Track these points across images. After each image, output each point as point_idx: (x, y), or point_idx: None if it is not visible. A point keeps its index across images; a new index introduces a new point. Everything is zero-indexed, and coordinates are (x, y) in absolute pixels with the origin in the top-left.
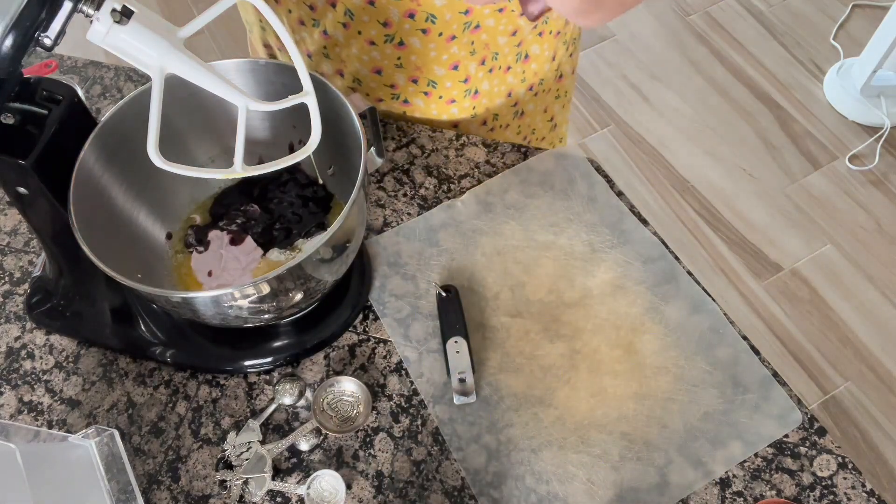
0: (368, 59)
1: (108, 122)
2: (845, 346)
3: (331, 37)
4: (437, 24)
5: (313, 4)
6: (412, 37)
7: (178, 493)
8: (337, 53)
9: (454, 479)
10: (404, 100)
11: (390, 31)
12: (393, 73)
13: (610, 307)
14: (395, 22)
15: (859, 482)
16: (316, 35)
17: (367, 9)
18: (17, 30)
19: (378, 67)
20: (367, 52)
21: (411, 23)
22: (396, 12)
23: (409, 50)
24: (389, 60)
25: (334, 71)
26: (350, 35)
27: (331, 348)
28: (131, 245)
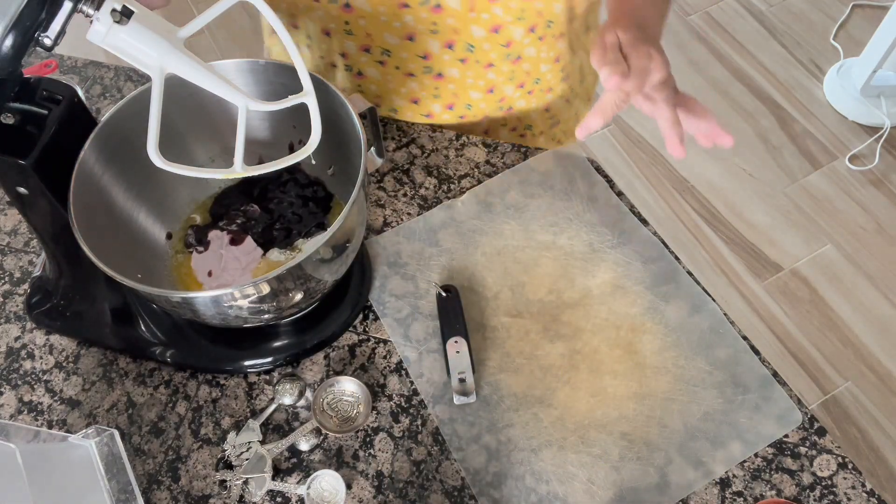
0: (406, 91)
1: (108, 122)
2: (845, 346)
3: (365, 76)
4: (474, 53)
5: (345, 52)
6: (450, 67)
7: (178, 493)
8: (372, 90)
9: (454, 479)
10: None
11: (429, 62)
12: (430, 102)
13: (610, 307)
14: (434, 54)
15: (859, 482)
16: (349, 77)
17: (405, 45)
18: (17, 30)
19: (416, 98)
20: (406, 83)
21: (451, 53)
22: (437, 44)
23: (447, 80)
24: (427, 91)
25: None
26: (387, 71)
27: (331, 348)
28: (131, 245)
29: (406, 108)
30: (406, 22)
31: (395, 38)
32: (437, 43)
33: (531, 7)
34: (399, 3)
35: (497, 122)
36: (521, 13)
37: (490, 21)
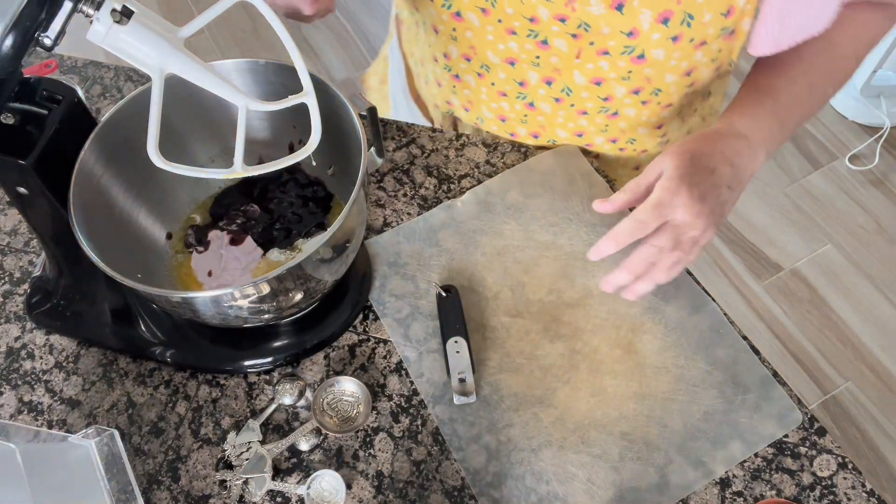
0: (496, 108)
1: (108, 122)
2: (845, 346)
3: (462, 80)
4: (571, 97)
5: (447, 53)
6: (543, 102)
7: (178, 493)
8: (466, 95)
9: (454, 479)
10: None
11: (525, 90)
12: (517, 125)
13: (610, 307)
14: (531, 84)
15: (859, 482)
16: (448, 76)
17: (505, 67)
18: (17, 30)
19: (504, 116)
20: (497, 101)
21: (547, 89)
22: (536, 76)
23: (538, 112)
24: (517, 115)
25: (461, 105)
26: (482, 83)
27: (331, 348)
28: (131, 245)
29: (492, 122)
30: (510, 47)
31: (496, 58)
32: (537, 76)
33: (639, 71)
34: (507, 29)
35: None
36: (626, 74)
37: (594, 72)
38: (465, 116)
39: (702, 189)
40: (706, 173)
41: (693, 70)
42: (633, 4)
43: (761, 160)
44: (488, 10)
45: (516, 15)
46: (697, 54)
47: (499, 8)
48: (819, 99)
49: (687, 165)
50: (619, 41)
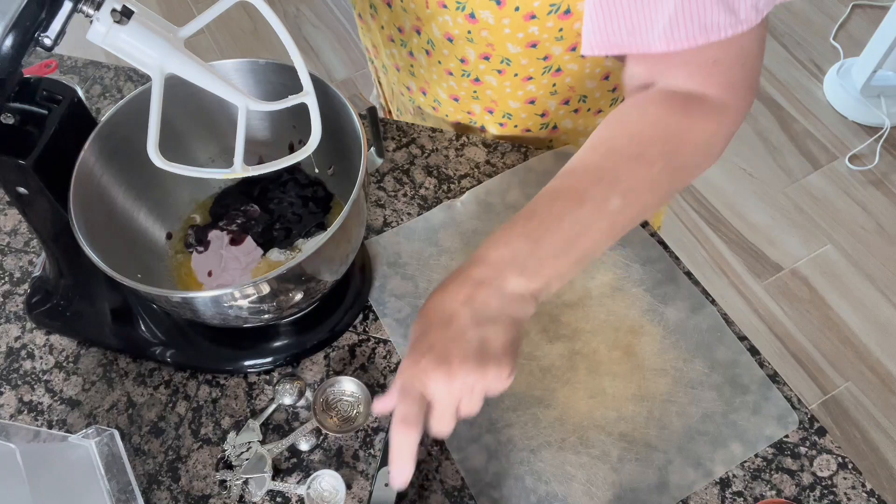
0: (447, 87)
1: (108, 122)
2: (845, 346)
3: (416, 59)
4: (511, 67)
5: (401, 27)
6: (487, 75)
7: (178, 493)
8: (421, 74)
9: (454, 479)
10: (481, 126)
11: (467, 67)
12: (469, 102)
13: (609, 308)
14: (471, 60)
15: (859, 482)
16: (404, 53)
17: (445, 43)
18: (17, 30)
19: (455, 96)
20: (446, 80)
21: (486, 63)
22: (473, 53)
23: (485, 86)
24: (466, 92)
25: (418, 88)
26: (432, 62)
27: (331, 348)
28: (131, 245)
29: (448, 104)
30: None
31: (438, 32)
32: (474, 52)
33: (569, 27)
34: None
35: (542, 141)
36: (559, 33)
37: (526, 39)
38: (423, 102)
39: (439, 349)
40: (441, 328)
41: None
42: None
43: (514, 284)
44: (504, 3)
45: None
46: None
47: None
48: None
49: (420, 329)
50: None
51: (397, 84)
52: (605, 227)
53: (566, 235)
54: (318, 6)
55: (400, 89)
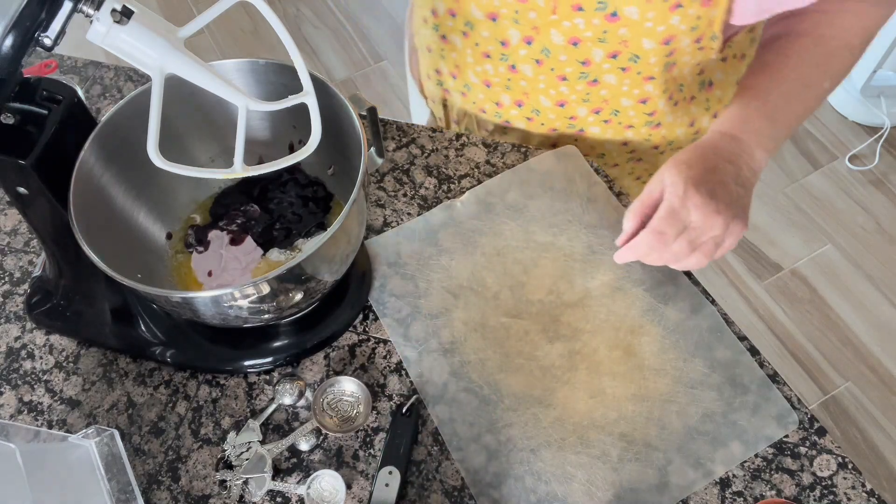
0: (481, 71)
1: (108, 122)
2: (845, 346)
3: (449, 41)
4: (550, 59)
5: (435, 10)
6: (524, 63)
7: (178, 493)
8: (453, 59)
9: (454, 479)
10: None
11: (506, 50)
12: (500, 92)
13: (609, 308)
14: (511, 44)
15: (859, 482)
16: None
17: (487, 23)
18: (17, 30)
19: (488, 81)
20: (482, 63)
21: (527, 49)
22: (517, 34)
23: (520, 75)
24: (501, 79)
25: (448, 72)
26: (467, 44)
27: (331, 348)
28: (131, 245)
29: (478, 89)
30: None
31: (479, 13)
32: (518, 34)
33: (614, 31)
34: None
35: (568, 138)
36: (602, 34)
37: (570, 31)
38: (452, 86)
39: (709, 187)
40: (708, 173)
41: (672, 38)
42: None
43: (760, 159)
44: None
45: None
46: (673, 18)
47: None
48: (815, 95)
49: (686, 170)
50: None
51: (429, 66)
52: (815, 107)
53: (793, 115)
54: (318, 6)
55: (427, 72)
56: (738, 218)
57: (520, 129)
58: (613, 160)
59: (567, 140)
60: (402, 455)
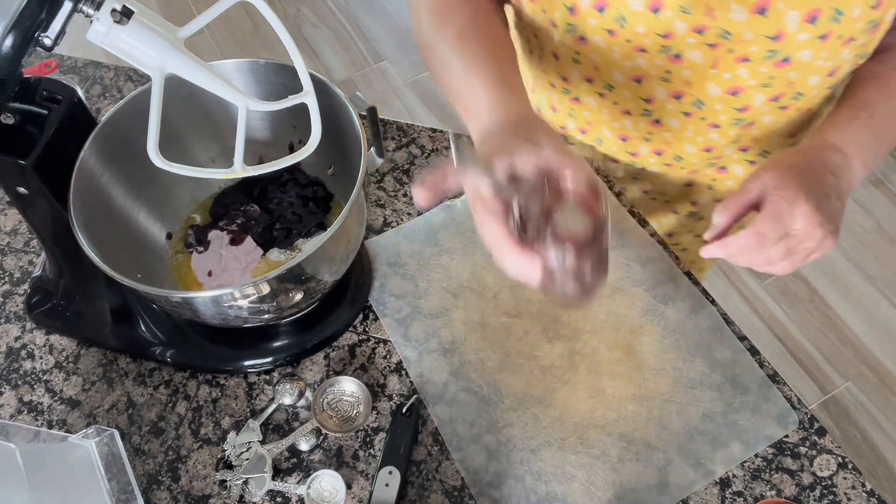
0: (618, 127)
1: (108, 122)
2: (845, 346)
3: (581, 102)
4: (702, 110)
5: (651, 98)
6: (671, 118)
7: (178, 493)
8: (584, 116)
9: (454, 479)
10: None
11: (651, 106)
12: (639, 144)
13: (609, 308)
14: (658, 100)
15: (859, 482)
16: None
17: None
18: (17, 30)
19: (626, 136)
20: (619, 119)
21: (676, 104)
22: (664, 92)
23: (664, 128)
24: (640, 133)
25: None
26: (604, 104)
27: (331, 348)
28: (131, 245)
29: (612, 142)
30: (638, 65)
31: (621, 77)
32: (665, 91)
33: (783, 76)
34: (636, 47)
35: (706, 176)
36: (768, 80)
37: (731, 82)
38: (580, 139)
39: (816, 197)
40: (815, 183)
41: (837, 69)
42: (777, 6)
43: (858, 174)
44: (616, 32)
45: (648, 33)
46: (844, 52)
47: (628, 28)
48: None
49: (795, 176)
50: (762, 46)
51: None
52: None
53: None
54: (318, 6)
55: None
56: (832, 233)
57: (654, 174)
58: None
59: (705, 178)
60: (402, 455)
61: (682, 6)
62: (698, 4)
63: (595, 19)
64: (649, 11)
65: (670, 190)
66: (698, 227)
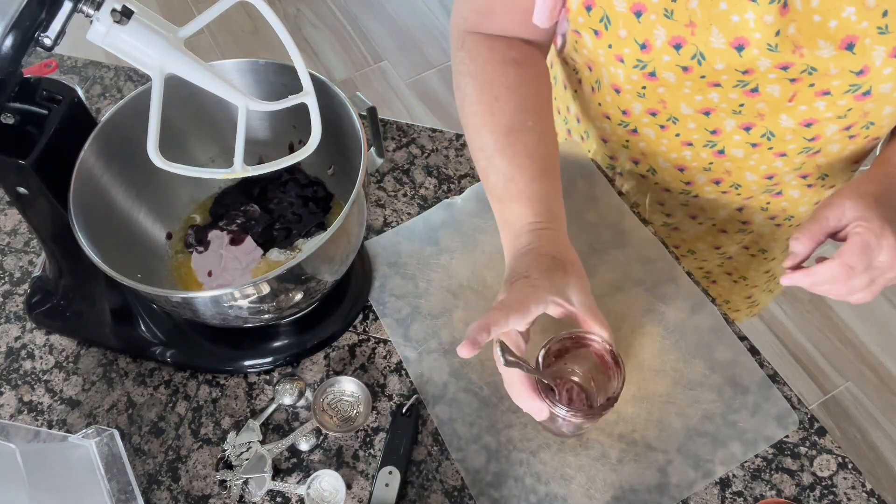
0: (676, 157)
1: (108, 122)
2: (845, 346)
3: (639, 134)
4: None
5: (718, 130)
6: (736, 148)
7: (178, 493)
8: (640, 147)
9: (454, 479)
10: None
11: (716, 137)
12: (697, 174)
13: (609, 308)
14: (725, 131)
15: (859, 482)
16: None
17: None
18: (17, 30)
19: (683, 166)
20: (679, 150)
21: (744, 135)
22: (733, 124)
23: (727, 158)
24: (700, 163)
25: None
26: (663, 135)
27: (331, 348)
28: (131, 245)
29: (667, 172)
30: (709, 98)
31: (689, 110)
32: (734, 122)
33: (860, 108)
34: (710, 83)
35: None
36: (845, 112)
37: (807, 114)
38: (629, 168)
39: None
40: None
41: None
42: (864, 43)
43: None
44: (691, 69)
45: (727, 69)
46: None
47: (706, 65)
48: None
49: (878, 207)
50: (844, 80)
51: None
52: None
53: None
54: (318, 6)
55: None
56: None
57: (707, 200)
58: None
59: (759, 202)
60: (402, 455)
61: (769, 44)
62: (786, 42)
63: (670, 56)
64: (732, 49)
65: (721, 214)
66: (747, 240)
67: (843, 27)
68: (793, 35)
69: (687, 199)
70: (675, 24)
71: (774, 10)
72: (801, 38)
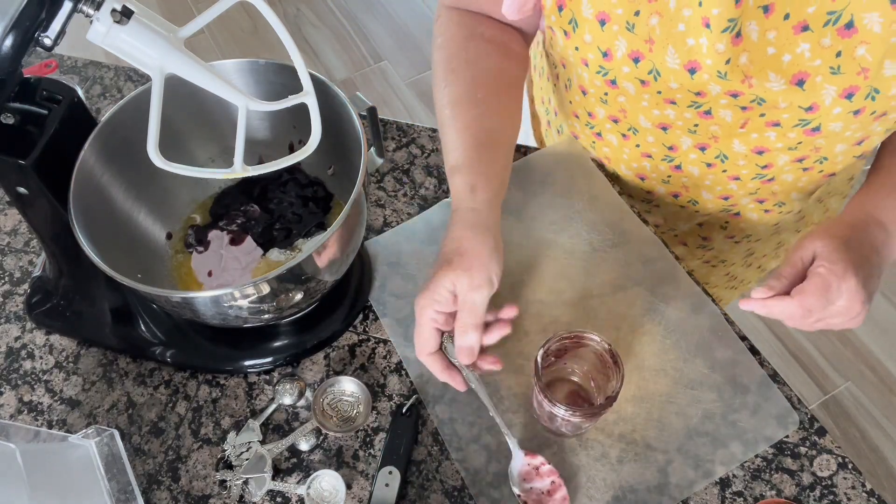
0: (638, 167)
1: (108, 122)
2: (845, 346)
3: (603, 139)
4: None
5: (675, 146)
6: (692, 166)
7: (178, 493)
8: (604, 152)
9: (454, 479)
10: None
11: (673, 153)
12: (657, 185)
13: (609, 308)
14: (681, 149)
15: (859, 482)
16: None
17: (655, 131)
18: (17, 30)
19: (644, 175)
20: (640, 161)
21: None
22: (689, 142)
23: (683, 174)
24: (659, 175)
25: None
26: (627, 144)
27: (331, 348)
28: (131, 245)
29: (629, 178)
30: (666, 114)
31: (647, 123)
32: (690, 141)
33: (810, 142)
34: (666, 99)
35: (719, 219)
36: (795, 144)
37: (758, 142)
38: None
39: (862, 275)
40: (863, 259)
41: (865, 139)
42: (815, 80)
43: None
44: (648, 83)
45: (681, 89)
46: (875, 125)
47: (661, 82)
48: None
49: (846, 252)
50: (794, 114)
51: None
52: None
53: None
54: (318, 6)
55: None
56: (863, 314)
57: (668, 212)
58: (758, 236)
59: (718, 220)
60: (402, 455)
61: (719, 71)
62: (736, 71)
63: (629, 67)
64: (685, 71)
65: (682, 227)
66: (707, 255)
67: (795, 62)
68: (744, 65)
69: (649, 208)
70: (636, 38)
71: (727, 38)
72: (752, 68)
